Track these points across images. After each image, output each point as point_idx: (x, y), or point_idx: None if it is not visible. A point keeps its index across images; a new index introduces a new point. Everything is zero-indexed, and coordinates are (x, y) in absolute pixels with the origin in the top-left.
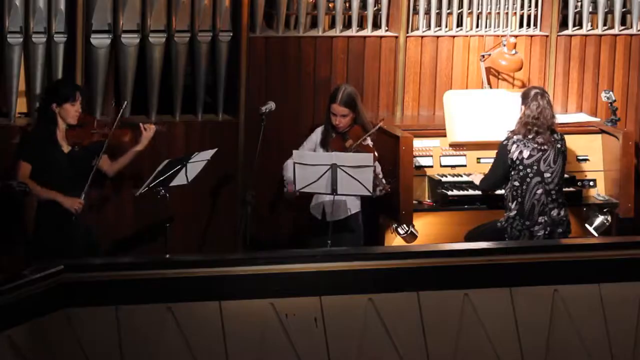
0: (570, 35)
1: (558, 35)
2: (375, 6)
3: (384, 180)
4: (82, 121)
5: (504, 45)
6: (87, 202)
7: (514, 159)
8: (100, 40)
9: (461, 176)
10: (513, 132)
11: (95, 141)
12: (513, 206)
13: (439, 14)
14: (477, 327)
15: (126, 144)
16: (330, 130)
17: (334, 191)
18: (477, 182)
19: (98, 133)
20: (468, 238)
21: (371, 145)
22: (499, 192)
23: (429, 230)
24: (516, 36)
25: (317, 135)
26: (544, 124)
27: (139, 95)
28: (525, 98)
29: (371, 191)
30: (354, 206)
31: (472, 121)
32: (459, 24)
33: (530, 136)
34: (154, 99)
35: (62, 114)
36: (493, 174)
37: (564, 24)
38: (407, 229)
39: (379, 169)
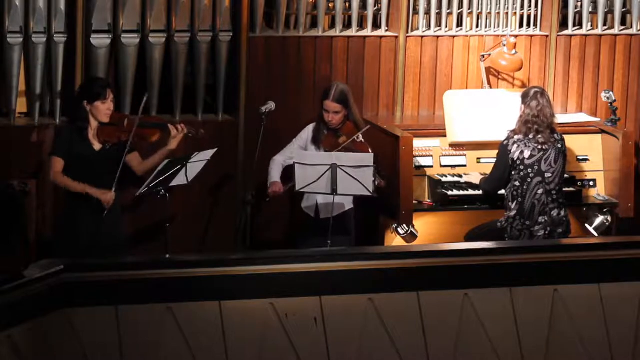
0: (570, 35)
1: (558, 35)
2: (375, 6)
3: (377, 175)
4: (114, 119)
5: (504, 45)
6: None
7: (515, 159)
8: (100, 40)
9: (461, 176)
10: (513, 132)
11: (126, 140)
12: (513, 206)
13: (439, 14)
14: (477, 327)
15: (155, 144)
16: (322, 127)
17: (334, 191)
18: (475, 181)
19: (129, 131)
20: (468, 238)
21: (364, 142)
22: (501, 191)
23: (429, 230)
24: (516, 36)
25: (307, 132)
26: (544, 122)
27: (139, 95)
28: (525, 97)
29: (371, 191)
30: (347, 203)
31: (472, 121)
32: (459, 24)
33: (530, 135)
34: (154, 99)
35: (94, 112)
36: (496, 174)
37: (564, 24)
38: (407, 229)
39: None
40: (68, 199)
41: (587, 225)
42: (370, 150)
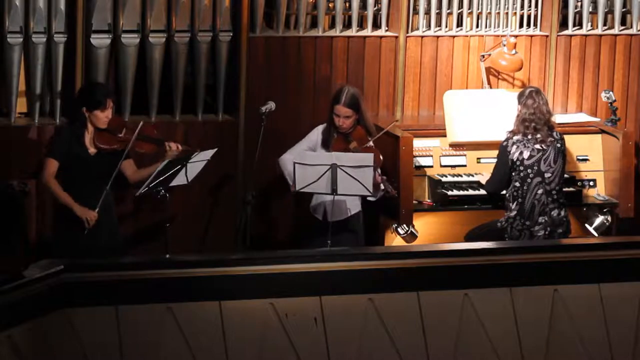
0: (570, 35)
1: (558, 35)
2: (375, 6)
3: (389, 184)
4: (112, 125)
5: (504, 45)
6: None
7: (514, 160)
8: (100, 40)
9: (461, 176)
10: (512, 132)
11: (121, 149)
12: (513, 206)
13: (439, 14)
14: (477, 327)
15: (151, 157)
16: (332, 130)
17: (334, 191)
18: (483, 182)
19: (125, 141)
20: (468, 238)
21: (374, 147)
22: (501, 192)
23: (429, 230)
24: (516, 36)
25: (317, 134)
26: (541, 120)
27: (139, 95)
28: (520, 97)
29: (371, 191)
30: (354, 206)
31: (472, 121)
32: (459, 24)
33: (529, 135)
34: (154, 99)
35: (92, 119)
36: (497, 175)
37: (564, 24)
38: (407, 229)
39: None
40: (60, 205)
41: (587, 225)
42: (380, 157)
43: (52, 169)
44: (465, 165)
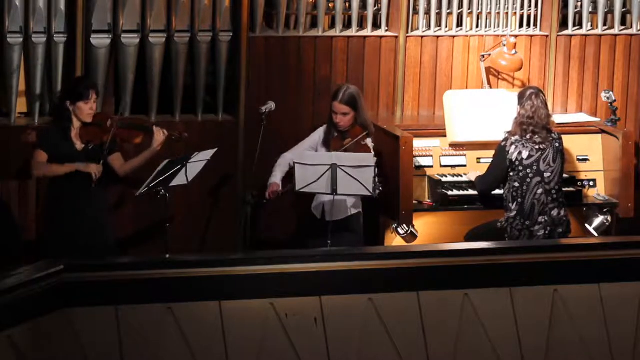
0: (570, 35)
1: (558, 35)
2: (375, 6)
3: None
4: (98, 119)
5: (504, 45)
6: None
7: (513, 160)
8: (100, 40)
9: (461, 176)
10: (510, 133)
11: (107, 140)
12: (513, 207)
13: (439, 14)
14: (477, 327)
15: (138, 146)
16: (332, 129)
17: (334, 191)
18: (473, 178)
19: (111, 132)
20: (468, 238)
21: (371, 147)
22: (498, 192)
23: (429, 230)
24: (516, 36)
25: (319, 134)
26: (539, 124)
27: (139, 95)
28: (520, 98)
29: (371, 191)
30: (355, 207)
31: (472, 121)
32: (459, 24)
33: (527, 136)
34: (154, 99)
35: (76, 112)
36: (491, 174)
37: (564, 24)
38: (407, 229)
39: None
40: (48, 199)
41: (587, 225)
42: (375, 158)
43: (41, 159)
44: (465, 165)
